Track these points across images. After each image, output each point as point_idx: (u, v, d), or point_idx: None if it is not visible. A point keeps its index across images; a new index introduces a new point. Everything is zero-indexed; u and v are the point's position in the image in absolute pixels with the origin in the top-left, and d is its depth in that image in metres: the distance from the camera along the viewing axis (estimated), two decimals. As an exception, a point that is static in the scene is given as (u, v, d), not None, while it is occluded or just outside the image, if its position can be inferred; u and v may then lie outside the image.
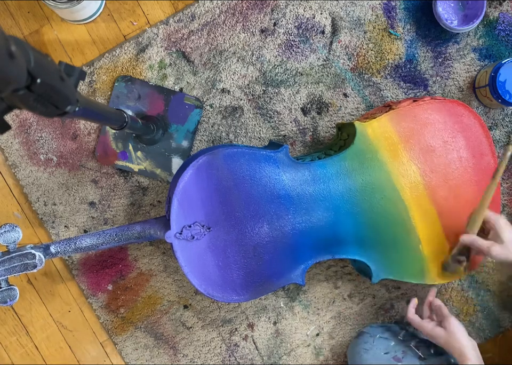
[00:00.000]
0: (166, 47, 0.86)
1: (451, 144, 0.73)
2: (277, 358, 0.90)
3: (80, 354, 0.91)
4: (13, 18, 0.87)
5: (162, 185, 0.88)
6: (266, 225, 0.70)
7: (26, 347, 0.91)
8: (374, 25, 0.86)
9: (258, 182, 0.70)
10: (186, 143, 0.86)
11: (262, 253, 0.71)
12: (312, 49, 0.86)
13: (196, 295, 0.89)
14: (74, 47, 0.87)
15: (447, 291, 0.89)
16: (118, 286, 0.89)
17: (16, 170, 0.88)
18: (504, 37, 0.86)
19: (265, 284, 0.72)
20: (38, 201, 0.88)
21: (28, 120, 0.87)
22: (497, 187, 0.75)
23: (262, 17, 0.86)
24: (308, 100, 0.87)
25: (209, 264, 0.70)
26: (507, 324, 0.90)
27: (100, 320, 0.90)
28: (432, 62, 0.87)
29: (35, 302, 0.90)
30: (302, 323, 0.90)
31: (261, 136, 0.87)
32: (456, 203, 0.73)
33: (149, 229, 0.72)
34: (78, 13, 0.81)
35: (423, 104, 0.73)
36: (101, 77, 0.86)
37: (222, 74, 0.86)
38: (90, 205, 0.88)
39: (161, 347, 0.90)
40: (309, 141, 0.87)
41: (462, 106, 0.74)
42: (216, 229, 0.70)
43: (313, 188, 0.71)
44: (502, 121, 0.87)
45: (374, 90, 0.87)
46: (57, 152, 0.88)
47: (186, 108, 0.86)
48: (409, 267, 0.74)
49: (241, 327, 0.90)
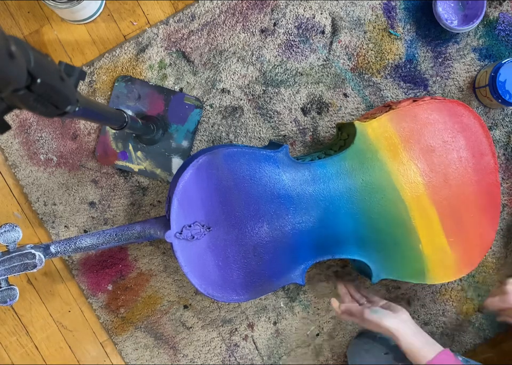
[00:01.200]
0: (166, 47, 0.86)
1: (451, 144, 0.73)
2: (277, 358, 0.90)
3: (80, 354, 0.91)
4: (13, 18, 0.87)
5: (162, 185, 0.88)
6: (266, 225, 0.70)
7: (26, 347, 0.91)
8: (374, 25, 0.86)
9: (258, 182, 0.70)
10: (186, 143, 0.86)
11: (262, 253, 0.71)
12: (312, 49, 0.86)
13: (196, 295, 0.89)
14: (74, 47, 0.87)
15: (447, 291, 0.89)
16: (118, 286, 0.89)
17: (16, 170, 0.88)
18: (504, 37, 0.86)
19: (265, 284, 0.72)
20: (38, 201, 0.88)
21: (28, 120, 0.87)
22: (498, 187, 0.76)
23: (262, 17, 0.86)
24: (308, 100, 0.87)
25: (209, 264, 0.70)
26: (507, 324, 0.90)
27: (100, 320, 0.90)
28: (432, 62, 0.87)
29: (35, 302, 0.90)
30: (302, 323, 0.90)
31: (261, 136, 0.87)
32: (456, 202, 0.73)
33: (149, 229, 0.72)
34: (78, 13, 0.81)
35: (423, 104, 0.73)
36: (101, 77, 0.86)
37: (222, 74, 0.86)
38: (90, 205, 0.88)
39: (161, 347, 0.90)
40: (309, 141, 0.87)
41: (462, 106, 0.74)
42: (216, 229, 0.70)
43: (313, 187, 0.71)
44: (502, 121, 0.87)
45: (374, 90, 0.87)
46: (57, 152, 0.88)
47: (186, 108, 0.86)
48: (409, 267, 0.74)
49: (241, 327, 0.90)
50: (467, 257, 0.75)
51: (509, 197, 0.88)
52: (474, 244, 0.75)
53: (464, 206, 0.74)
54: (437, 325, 0.90)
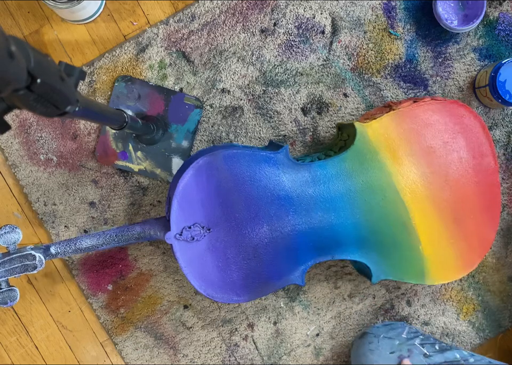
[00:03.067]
0: (166, 47, 0.86)
1: (451, 145, 0.73)
2: (277, 358, 0.90)
3: (80, 354, 0.91)
4: (13, 18, 0.87)
5: (162, 185, 0.88)
6: (266, 226, 0.70)
7: (26, 347, 0.91)
8: (374, 25, 0.86)
9: (258, 183, 0.70)
10: (186, 143, 0.86)
11: (262, 254, 0.71)
12: (312, 49, 0.86)
13: (196, 295, 0.89)
14: (74, 47, 0.87)
15: (447, 291, 0.89)
16: (118, 286, 0.89)
17: (16, 170, 0.88)
18: (504, 37, 0.86)
19: (265, 284, 0.72)
20: (38, 201, 0.88)
21: (28, 120, 0.87)
22: (498, 187, 0.76)
23: (262, 17, 0.86)
24: (308, 100, 0.87)
25: (209, 265, 0.70)
26: (507, 324, 0.90)
27: (100, 320, 0.90)
28: (432, 62, 0.87)
29: (35, 302, 0.90)
30: (302, 323, 0.90)
31: (261, 136, 0.87)
32: (456, 203, 0.73)
33: (149, 230, 0.72)
34: (78, 13, 0.81)
35: (424, 105, 0.73)
36: (101, 77, 0.86)
37: (222, 74, 0.86)
38: (90, 205, 0.88)
39: (161, 347, 0.90)
40: (309, 141, 0.87)
41: (463, 107, 0.74)
42: (216, 230, 0.70)
43: (313, 189, 0.71)
44: (502, 121, 0.87)
45: (374, 90, 0.87)
46: (57, 152, 0.88)
47: (186, 108, 0.86)
48: (410, 268, 0.74)
49: (241, 327, 0.90)
50: (467, 257, 0.75)
51: (509, 197, 0.88)
52: (474, 245, 0.75)
53: (464, 207, 0.74)
54: (437, 325, 0.90)
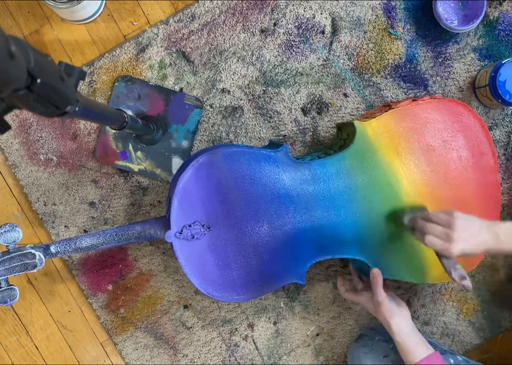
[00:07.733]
0: (166, 47, 0.86)
1: (451, 143, 0.73)
2: (277, 358, 0.90)
3: (80, 354, 0.91)
4: (13, 18, 0.87)
5: (162, 185, 0.88)
6: (266, 224, 0.70)
7: (26, 347, 0.91)
8: (374, 25, 0.86)
9: (258, 181, 0.70)
10: (186, 143, 0.86)
11: (262, 253, 0.71)
12: (312, 49, 0.86)
13: (196, 295, 0.89)
14: (74, 47, 0.88)
15: (447, 291, 0.89)
16: (118, 286, 0.89)
17: (16, 170, 0.88)
18: (504, 37, 0.86)
19: (265, 283, 0.72)
20: (38, 201, 0.88)
21: (28, 120, 0.87)
22: (498, 187, 0.76)
23: (262, 17, 0.86)
24: (308, 100, 0.87)
25: (209, 264, 0.70)
26: (507, 324, 0.90)
27: (100, 320, 0.90)
28: (432, 62, 0.87)
29: (35, 302, 0.90)
30: (302, 323, 0.90)
31: (261, 136, 0.87)
32: (456, 202, 0.73)
33: (149, 229, 0.72)
34: (78, 13, 0.81)
35: (423, 103, 0.73)
36: (101, 77, 0.86)
37: (222, 74, 0.86)
38: (90, 205, 0.88)
39: (161, 347, 0.90)
40: (309, 141, 0.87)
41: (462, 106, 0.74)
42: (216, 229, 0.70)
43: (313, 187, 0.71)
44: (502, 121, 0.87)
45: (374, 90, 0.87)
46: (57, 152, 0.88)
47: (186, 108, 0.86)
48: (409, 267, 0.74)
49: (241, 327, 0.90)
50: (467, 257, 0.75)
51: (509, 197, 0.88)
52: (474, 244, 0.75)
53: (463, 206, 0.74)
54: (437, 325, 0.90)
